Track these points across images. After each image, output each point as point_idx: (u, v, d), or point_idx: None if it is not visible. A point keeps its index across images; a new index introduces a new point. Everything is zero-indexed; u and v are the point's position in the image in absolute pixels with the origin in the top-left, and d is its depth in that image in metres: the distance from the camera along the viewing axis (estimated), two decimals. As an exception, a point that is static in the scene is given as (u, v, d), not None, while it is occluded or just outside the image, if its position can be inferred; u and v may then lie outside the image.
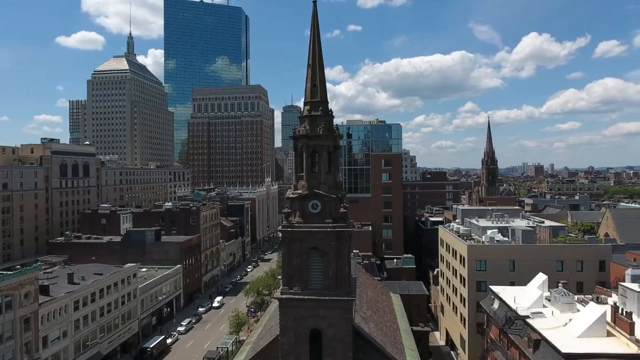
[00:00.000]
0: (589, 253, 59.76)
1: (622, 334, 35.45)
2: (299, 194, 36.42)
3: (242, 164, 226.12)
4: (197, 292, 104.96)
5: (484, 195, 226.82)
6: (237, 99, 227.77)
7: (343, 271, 35.88)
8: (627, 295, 40.32)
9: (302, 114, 38.09)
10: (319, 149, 36.94)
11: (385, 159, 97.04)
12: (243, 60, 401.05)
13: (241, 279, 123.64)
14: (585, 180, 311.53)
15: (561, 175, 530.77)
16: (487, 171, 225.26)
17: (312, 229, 35.67)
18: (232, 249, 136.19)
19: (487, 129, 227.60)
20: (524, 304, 44.02)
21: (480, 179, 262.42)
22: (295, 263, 35.95)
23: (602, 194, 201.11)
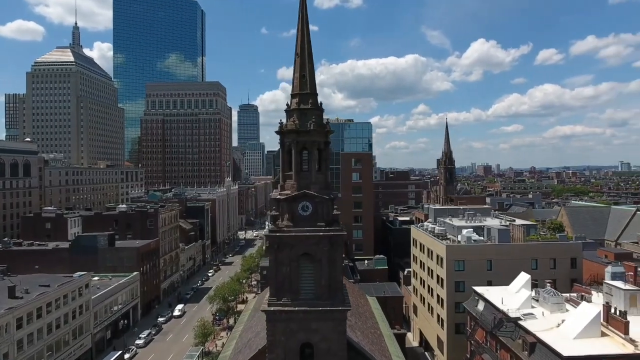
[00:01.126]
0: (561, 251, 60.77)
1: (617, 334, 35.15)
2: (288, 195, 33.06)
3: (200, 163, 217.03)
4: (155, 301, 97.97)
5: (443, 194, 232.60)
6: (194, 95, 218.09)
7: (337, 279, 32.94)
8: (614, 294, 40.37)
9: (290, 107, 34.71)
10: (309, 145, 33.76)
11: (355, 158, 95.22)
12: (198, 57, 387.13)
13: (202, 285, 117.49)
14: (532, 179, 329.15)
15: (507, 174, 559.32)
16: (445, 171, 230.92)
17: (304, 234, 32.43)
18: (191, 252, 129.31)
19: (445, 130, 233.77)
20: (513, 305, 43.20)
21: (434, 179, 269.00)
22: (284, 271, 32.52)
23: (550, 192, 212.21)
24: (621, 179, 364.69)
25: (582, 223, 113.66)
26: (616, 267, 45.92)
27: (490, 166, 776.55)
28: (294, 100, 34.66)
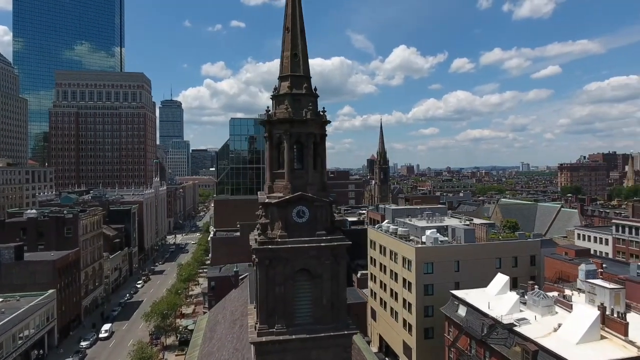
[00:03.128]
0: (522, 249, 61.45)
1: (616, 336, 34.30)
2: (280, 198, 27.10)
3: (122, 162, 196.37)
4: (76, 321, 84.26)
5: (378, 194, 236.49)
6: (114, 87, 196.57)
7: (340, 297, 27.68)
8: (597, 292, 40.02)
9: (278, 92, 28.76)
10: (304, 138, 28.07)
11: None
12: (116, 47, 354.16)
13: (131, 298, 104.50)
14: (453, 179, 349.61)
15: (428, 174, 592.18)
16: (380, 170, 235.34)
17: (301, 245, 26.73)
18: (117, 262, 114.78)
19: (380, 131, 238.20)
20: (501, 310, 41.31)
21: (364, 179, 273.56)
22: (276, 292, 26.50)
23: (475, 191, 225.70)
24: (530, 178, 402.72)
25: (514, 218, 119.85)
26: (589, 265, 46.25)
27: (413, 166, 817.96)
28: (284, 84, 28.73)
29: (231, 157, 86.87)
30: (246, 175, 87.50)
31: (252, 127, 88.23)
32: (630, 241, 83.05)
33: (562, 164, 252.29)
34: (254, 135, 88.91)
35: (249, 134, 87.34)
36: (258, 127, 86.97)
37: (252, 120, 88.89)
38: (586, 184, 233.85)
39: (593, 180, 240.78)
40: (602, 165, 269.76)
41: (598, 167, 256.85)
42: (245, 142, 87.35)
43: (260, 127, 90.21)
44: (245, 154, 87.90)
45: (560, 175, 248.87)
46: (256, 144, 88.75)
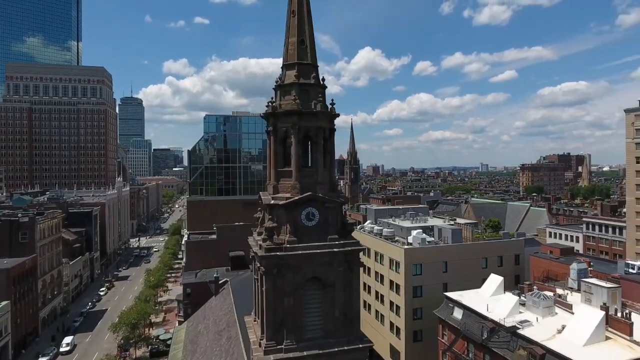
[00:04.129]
0: (507, 248, 61.43)
1: (621, 336, 33.92)
2: (289, 200, 24.37)
3: (80, 161, 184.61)
4: (33, 335, 77.07)
5: (349, 193, 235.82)
6: (72, 81, 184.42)
7: (353, 308, 25.32)
8: (594, 292, 39.81)
9: (283, 82, 25.98)
10: (313, 132, 25.51)
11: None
12: (72, 41, 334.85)
13: (94, 307, 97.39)
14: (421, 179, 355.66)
15: (393, 174, 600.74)
16: (350, 170, 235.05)
17: (313, 251, 24.14)
18: (77, 268, 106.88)
19: (350, 131, 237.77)
20: (500, 312, 40.35)
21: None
22: (286, 304, 23.77)
23: (444, 191, 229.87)
24: (491, 178, 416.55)
25: (486, 217, 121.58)
26: (580, 264, 46.27)
27: (378, 167, 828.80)
28: (289, 73, 25.99)
29: (205, 156, 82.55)
30: (222, 175, 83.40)
31: (228, 125, 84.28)
32: (600, 238, 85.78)
33: (524, 165, 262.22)
34: (225, 133, 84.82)
35: (225, 132, 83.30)
36: (235, 124, 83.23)
37: (229, 117, 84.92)
38: (546, 184, 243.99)
39: (552, 180, 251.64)
40: (560, 165, 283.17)
41: (556, 167, 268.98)
42: (221, 140, 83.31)
43: (235, 123, 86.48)
44: (220, 152, 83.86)
45: (522, 175, 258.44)
46: (229, 142, 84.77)
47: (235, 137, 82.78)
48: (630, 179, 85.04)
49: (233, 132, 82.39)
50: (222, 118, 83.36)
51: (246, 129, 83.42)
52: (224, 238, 72.19)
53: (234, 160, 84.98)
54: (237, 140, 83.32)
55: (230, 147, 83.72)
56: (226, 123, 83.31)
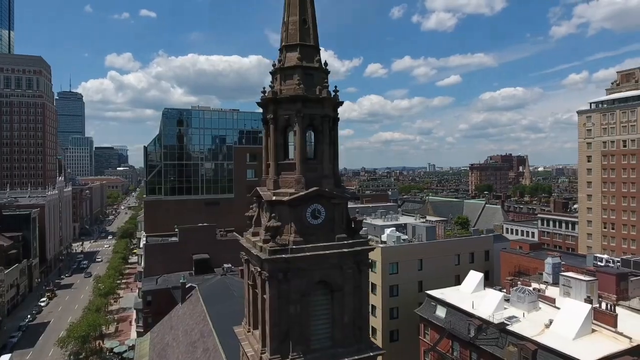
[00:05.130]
0: (478, 244, 62.25)
1: (607, 328, 34.53)
2: (294, 195, 21.82)
3: (14, 159, 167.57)
4: (-38, 355, 67.86)
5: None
6: (4, 71, 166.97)
7: (363, 313, 23.22)
8: (572, 285, 40.62)
9: (283, 65, 23.34)
10: (319, 121, 23.10)
11: (250, 153, 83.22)
12: (4, 29, 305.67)
13: (34, 320, 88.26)
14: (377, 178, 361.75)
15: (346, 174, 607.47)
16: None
17: (321, 253, 21.77)
18: (13, 277, 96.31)
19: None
20: (486, 309, 40.08)
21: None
22: (292, 312, 21.21)
23: (400, 190, 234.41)
24: (441, 178, 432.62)
25: (445, 215, 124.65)
26: (555, 258, 47.36)
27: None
28: (291, 55, 23.38)
29: (164, 152, 76.89)
30: (182, 173, 78.05)
31: (189, 120, 78.94)
32: (554, 233, 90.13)
33: (473, 164, 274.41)
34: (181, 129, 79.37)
35: (186, 127, 77.95)
36: (197, 119, 77.93)
37: (190, 112, 79.56)
38: (493, 182, 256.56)
39: (498, 178, 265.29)
40: (505, 165, 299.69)
41: (501, 167, 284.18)
42: (182, 136, 77.85)
43: (198, 119, 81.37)
44: (181, 149, 78.43)
45: (471, 175, 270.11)
46: (185, 138, 79.48)
47: (198, 133, 77.87)
48: (582, 177, 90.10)
49: (195, 128, 77.37)
50: (183, 113, 78.00)
51: (209, 124, 78.64)
52: (187, 240, 67.58)
53: (196, 157, 79.93)
54: (200, 137, 78.47)
55: (192, 143, 78.57)
56: (187, 118, 78.05)
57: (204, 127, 78.49)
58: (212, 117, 79.05)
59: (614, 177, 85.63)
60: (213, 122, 79.04)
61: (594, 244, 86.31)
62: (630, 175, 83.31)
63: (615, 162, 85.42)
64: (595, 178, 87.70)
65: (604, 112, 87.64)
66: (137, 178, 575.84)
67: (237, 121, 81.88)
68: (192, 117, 77.64)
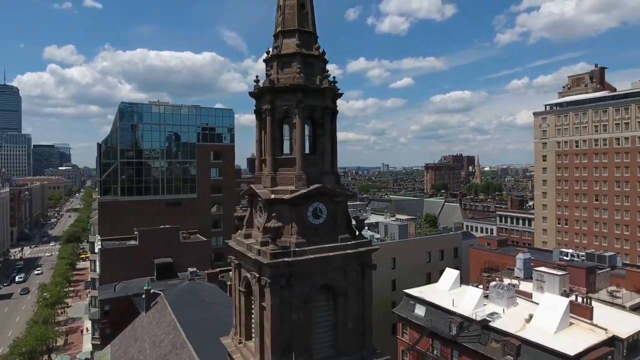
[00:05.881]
0: (447, 242, 63.15)
1: (583, 321, 35.58)
2: (296, 193, 20.12)
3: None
4: None
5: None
6: None
7: (366, 318, 21.87)
8: (545, 280, 41.76)
9: (280, 52, 21.52)
10: (319, 113, 21.52)
11: (214, 151, 79.42)
12: None
13: (-33, 336, 79.09)
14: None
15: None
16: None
17: (326, 255, 20.21)
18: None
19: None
20: (466, 306, 40.27)
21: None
22: (294, 320, 19.49)
23: (359, 189, 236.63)
24: (396, 177, 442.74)
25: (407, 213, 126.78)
26: (526, 254, 48.66)
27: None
28: (288, 42, 21.60)
29: (121, 149, 71.43)
30: (140, 171, 72.92)
31: (147, 115, 73.85)
32: (511, 230, 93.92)
33: (428, 164, 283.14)
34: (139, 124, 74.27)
35: (143, 121, 72.84)
36: (158, 115, 72.77)
37: (150, 107, 74.33)
38: (447, 181, 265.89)
39: (452, 178, 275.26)
40: (457, 165, 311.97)
41: (455, 167, 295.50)
42: (140, 132, 72.72)
43: (158, 114, 76.38)
44: (139, 146, 73.22)
45: (426, 174, 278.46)
46: (144, 135, 74.42)
47: (158, 129, 73.01)
48: (538, 176, 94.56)
49: (155, 124, 72.45)
50: (141, 107, 72.86)
51: (169, 120, 73.95)
52: (147, 243, 63.31)
53: (155, 155, 75.07)
54: (160, 133, 73.69)
55: (152, 139, 73.62)
56: (146, 113, 73.02)
57: (164, 123, 73.92)
58: (173, 112, 74.59)
59: (567, 176, 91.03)
60: (174, 118, 74.63)
61: (549, 239, 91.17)
62: (582, 174, 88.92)
63: (569, 162, 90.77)
64: (550, 176, 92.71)
65: (558, 113, 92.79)
66: (81, 178, 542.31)
67: (199, 117, 77.93)
68: (151, 112, 72.75)
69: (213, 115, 79.28)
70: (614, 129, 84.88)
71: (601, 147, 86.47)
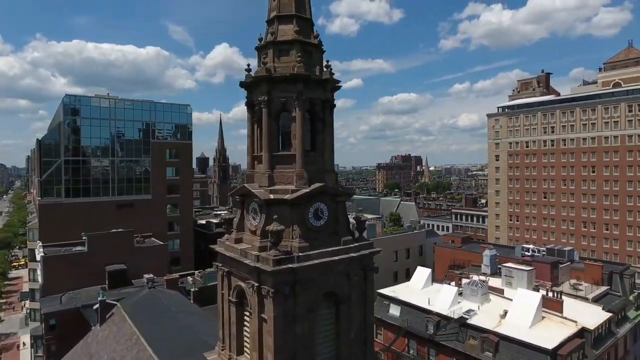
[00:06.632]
0: (413, 240, 63.77)
1: (554, 314, 36.76)
2: (296, 193, 18.46)
3: None
4: None
5: (218, 193, 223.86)
6: None
7: (368, 325, 20.68)
8: (514, 275, 42.95)
9: (275, 39, 19.71)
10: (319, 107, 20.00)
11: (170, 149, 74.38)
12: None
13: None
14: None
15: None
16: (219, 169, 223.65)
17: (331, 259, 18.72)
18: None
19: (219, 128, 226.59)
20: (441, 305, 40.42)
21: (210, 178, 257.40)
22: (298, 332, 17.83)
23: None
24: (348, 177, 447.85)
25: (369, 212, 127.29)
26: (492, 251, 49.93)
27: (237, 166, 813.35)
28: (285, 28, 19.89)
29: (65, 146, 64.69)
30: (88, 170, 66.61)
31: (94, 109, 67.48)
32: (466, 227, 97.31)
33: (380, 164, 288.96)
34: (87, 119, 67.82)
35: (91, 116, 66.40)
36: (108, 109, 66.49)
37: (98, 100, 67.78)
38: (398, 181, 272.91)
39: (402, 177, 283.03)
40: (407, 165, 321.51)
41: (405, 166, 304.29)
42: (88, 128, 66.12)
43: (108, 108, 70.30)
44: (86, 142, 66.71)
45: (378, 173, 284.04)
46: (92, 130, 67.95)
47: (109, 125, 66.91)
48: (491, 175, 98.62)
49: (105, 119, 66.31)
50: (89, 101, 66.31)
51: (121, 115, 67.95)
52: (97, 249, 58.29)
53: (105, 152, 69.00)
54: (110, 129, 67.69)
55: (101, 136, 67.51)
56: (94, 107, 66.73)
57: (115, 119, 68.05)
58: (124, 107, 68.77)
59: (518, 175, 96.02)
60: (126, 113, 68.90)
61: (501, 235, 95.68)
62: (532, 173, 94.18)
63: (520, 161, 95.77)
64: (503, 175, 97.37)
65: (509, 115, 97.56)
66: (9, 178, 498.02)
67: (153, 113, 72.69)
68: (100, 106, 66.55)
69: (169, 111, 74.32)
70: (561, 131, 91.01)
71: (549, 148, 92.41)
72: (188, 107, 77.34)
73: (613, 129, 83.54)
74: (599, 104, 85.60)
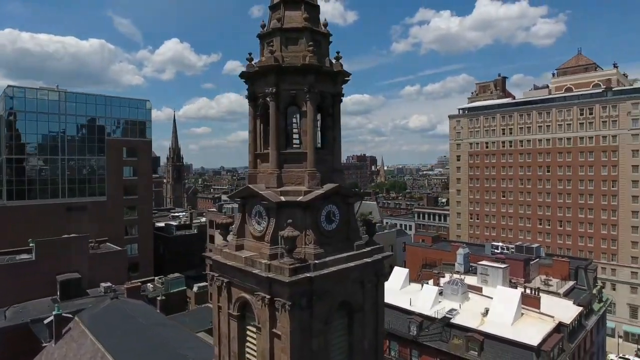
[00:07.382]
0: (385, 240, 63.48)
1: (533, 310, 37.63)
2: (308, 194, 16.95)
3: None
4: None
5: (171, 194, 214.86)
6: None
7: (380, 334, 19.49)
8: (489, 273, 43.74)
9: (282, 26, 18.00)
10: (329, 101, 18.55)
11: (128, 147, 68.96)
12: None
13: None
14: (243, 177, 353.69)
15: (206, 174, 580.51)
16: (173, 169, 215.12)
17: (346, 266, 17.34)
18: None
19: (173, 126, 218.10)
20: (423, 305, 40.27)
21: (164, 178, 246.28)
22: (314, 348, 16.29)
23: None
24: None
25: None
26: (465, 249, 50.66)
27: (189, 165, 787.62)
28: (292, 14, 18.23)
29: (7, 144, 58.00)
30: (33, 170, 60.16)
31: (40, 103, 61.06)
32: (428, 225, 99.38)
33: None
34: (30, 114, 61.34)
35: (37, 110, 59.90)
36: (57, 103, 60.36)
37: (46, 93, 61.24)
38: (355, 180, 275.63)
39: (359, 177, 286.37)
40: (364, 164, 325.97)
41: (362, 166, 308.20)
42: (34, 123, 59.52)
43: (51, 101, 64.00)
44: (32, 139, 60.18)
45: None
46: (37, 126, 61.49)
47: (58, 119, 60.75)
48: (453, 174, 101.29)
49: (53, 114, 60.11)
50: (33, 93, 59.79)
51: (72, 109, 61.74)
52: (47, 257, 53.08)
53: (53, 150, 62.82)
54: (58, 124, 61.59)
55: (48, 131, 61.28)
56: (39, 100, 60.35)
57: (65, 113, 62.00)
58: (76, 101, 62.82)
59: (478, 174, 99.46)
60: (77, 108, 63.00)
61: (462, 233, 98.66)
62: (491, 173, 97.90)
63: (480, 161, 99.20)
64: (463, 175, 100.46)
65: (470, 117, 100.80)
66: None
67: (108, 108, 67.14)
68: (47, 100, 60.31)
69: (125, 106, 68.94)
70: (519, 132, 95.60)
71: (507, 148, 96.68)
72: (147, 102, 72.23)
73: (566, 131, 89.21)
74: (554, 107, 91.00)
